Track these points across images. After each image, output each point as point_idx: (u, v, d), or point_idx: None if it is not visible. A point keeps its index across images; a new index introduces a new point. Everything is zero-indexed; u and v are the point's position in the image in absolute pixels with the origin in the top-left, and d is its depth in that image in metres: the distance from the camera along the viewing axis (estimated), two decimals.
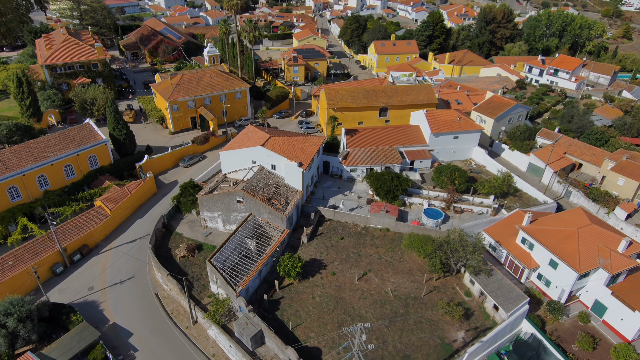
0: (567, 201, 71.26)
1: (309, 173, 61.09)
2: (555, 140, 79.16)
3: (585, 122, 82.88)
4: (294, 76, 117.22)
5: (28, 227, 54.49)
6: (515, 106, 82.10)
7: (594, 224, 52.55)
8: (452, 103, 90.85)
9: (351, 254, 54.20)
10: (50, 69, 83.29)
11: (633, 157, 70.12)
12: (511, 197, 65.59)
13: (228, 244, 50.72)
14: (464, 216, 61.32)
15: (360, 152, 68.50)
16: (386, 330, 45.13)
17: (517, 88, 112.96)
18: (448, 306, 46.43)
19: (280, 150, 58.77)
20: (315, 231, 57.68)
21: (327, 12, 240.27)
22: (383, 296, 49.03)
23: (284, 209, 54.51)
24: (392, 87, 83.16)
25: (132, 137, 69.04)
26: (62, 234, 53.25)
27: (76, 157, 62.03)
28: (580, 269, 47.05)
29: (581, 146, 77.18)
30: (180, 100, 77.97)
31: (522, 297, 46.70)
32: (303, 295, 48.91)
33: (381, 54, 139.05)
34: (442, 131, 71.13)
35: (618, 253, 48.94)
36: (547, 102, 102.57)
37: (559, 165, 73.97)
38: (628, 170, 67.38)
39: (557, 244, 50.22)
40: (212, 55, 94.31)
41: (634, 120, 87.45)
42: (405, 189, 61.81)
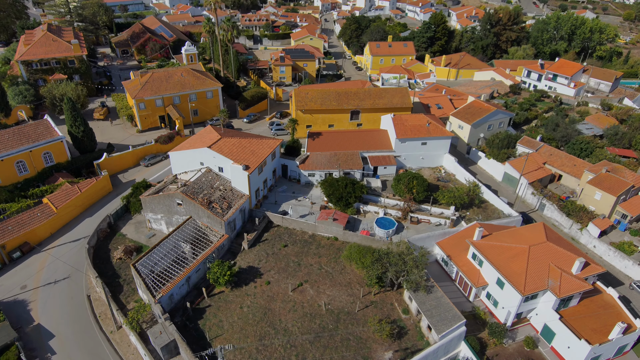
0: (540, 214, 67.23)
1: (259, 177, 59.07)
2: (535, 149, 74.96)
3: (570, 130, 78.21)
4: (281, 76, 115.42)
5: None
6: (494, 112, 78.10)
7: (552, 241, 48.83)
8: (432, 107, 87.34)
9: (291, 263, 51.90)
10: (25, 64, 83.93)
11: (615, 170, 65.51)
12: (475, 208, 62.02)
13: (160, 247, 49.21)
14: (420, 227, 58.19)
15: (321, 156, 66.07)
16: (309, 347, 42.68)
17: (510, 93, 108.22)
18: (379, 324, 43.67)
19: (228, 152, 56.98)
20: (259, 237, 55.62)
21: (335, 12, 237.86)
22: (315, 309, 46.57)
23: (223, 214, 52.65)
24: (365, 89, 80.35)
25: (91, 134, 68.49)
26: (2, 230, 52.77)
27: (29, 154, 61.76)
28: (524, 291, 43.53)
29: (562, 156, 72.77)
30: (147, 99, 77.17)
31: (458, 317, 43.48)
32: (231, 304, 46.93)
33: (376, 55, 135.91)
34: (408, 136, 68.00)
35: (571, 275, 45.19)
36: (539, 109, 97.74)
37: (536, 175, 69.86)
38: (606, 184, 62.89)
39: (505, 261, 46.78)
40: (189, 54, 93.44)
41: (627, 130, 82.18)
42: (359, 196, 59.08)
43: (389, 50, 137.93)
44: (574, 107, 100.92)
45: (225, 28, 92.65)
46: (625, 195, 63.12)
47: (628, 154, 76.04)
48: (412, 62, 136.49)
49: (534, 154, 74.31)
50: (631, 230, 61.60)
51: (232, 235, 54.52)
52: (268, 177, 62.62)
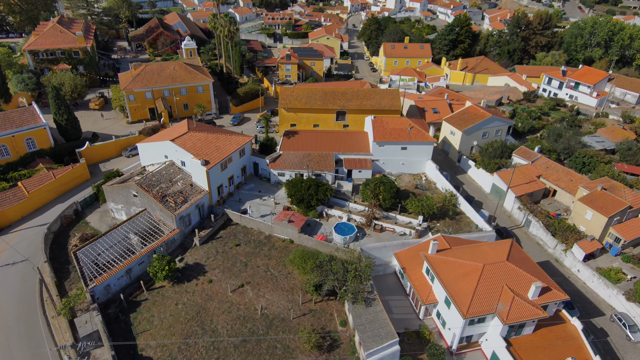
0: (526, 231, 62.27)
1: (223, 173, 58.15)
2: (531, 161, 69.63)
3: (573, 142, 71.95)
4: (287, 74, 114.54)
5: None
6: (489, 119, 73.19)
7: (514, 261, 44.67)
8: (428, 111, 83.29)
9: (238, 263, 50.57)
10: (32, 54, 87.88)
11: (613, 188, 59.46)
12: (448, 219, 58.09)
13: (107, 238, 49.41)
14: (384, 235, 55.14)
15: (293, 155, 64.33)
16: (232, 351, 41.17)
17: (523, 100, 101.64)
18: (308, 334, 41.46)
19: (190, 146, 56.52)
20: (214, 234, 54.71)
21: (363, 13, 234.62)
22: (250, 313, 45.00)
23: (176, 208, 52.16)
24: (353, 90, 77.68)
25: (74, 122, 70.34)
26: None
27: (11, 138, 64.15)
28: (466, 313, 39.90)
29: (559, 170, 67.08)
30: (137, 91, 78.47)
31: (391, 335, 40.46)
32: (168, 300, 46.25)
33: (390, 57, 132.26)
34: (387, 140, 64.87)
35: (525, 300, 41.01)
36: (550, 118, 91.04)
37: (526, 189, 64.77)
38: (598, 203, 57.12)
39: (455, 279, 43.20)
40: (188, 49, 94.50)
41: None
42: (322, 199, 56.81)
43: (404, 52, 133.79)
44: (591, 117, 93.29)
45: (222, 23, 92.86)
46: (620, 217, 57.05)
47: (638, 171, 68.93)
48: (428, 64, 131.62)
49: (527, 166, 69.03)
50: (624, 256, 55.56)
51: (187, 230, 53.91)
52: (235, 174, 61.64)
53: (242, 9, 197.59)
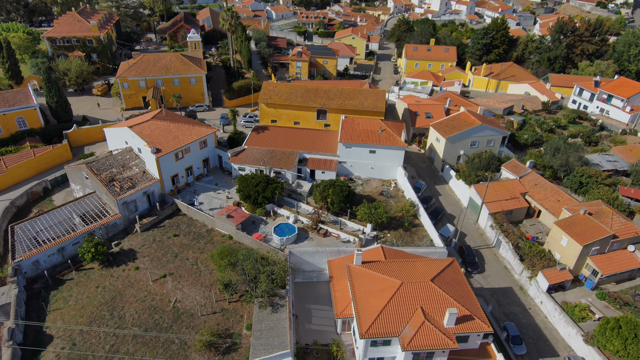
0: (495, 252, 56.51)
1: (178, 163, 58.16)
2: (520, 176, 63.15)
3: (572, 159, 64.17)
4: (297, 72, 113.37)
5: None
6: (478, 127, 67.21)
7: (441, 283, 40.31)
8: (420, 116, 78.37)
9: (169, 254, 50.21)
10: (50, 40, 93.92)
11: (599, 214, 52.28)
12: (402, 231, 53.92)
13: (50, 216, 51.14)
14: (326, 240, 52.28)
15: (257, 151, 63.05)
16: (130, 340, 40.71)
17: (542, 111, 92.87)
18: (207, 334, 39.99)
19: (147, 134, 57.13)
20: (159, 222, 54.86)
21: (406, 14, 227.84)
22: (163, 304, 44.39)
23: (120, 193, 52.86)
24: (338, 88, 74.87)
25: (65, 105, 73.95)
26: None
27: (2, 116, 68.63)
28: (364, 332, 36.44)
29: (547, 188, 60.16)
30: (130, 79, 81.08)
31: (284, 346, 37.87)
32: (91, 282, 46.87)
33: (411, 59, 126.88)
34: (355, 142, 61.61)
35: (438, 327, 36.74)
36: (568, 131, 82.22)
37: (504, 206, 58.74)
38: (576, 229, 50.38)
39: (368, 294, 39.76)
40: (193, 41, 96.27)
41: None
42: (269, 197, 54.92)
43: (427, 55, 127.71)
44: (615, 134, 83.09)
45: (224, 17, 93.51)
46: (601, 247, 49.82)
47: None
48: (451, 69, 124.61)
49: (513, 182, 62.61)
50: (599, 292, 48.47)
51: (132, 216, 54.44)
52: (195, 165, 61.49)
53: (279, 6, 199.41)
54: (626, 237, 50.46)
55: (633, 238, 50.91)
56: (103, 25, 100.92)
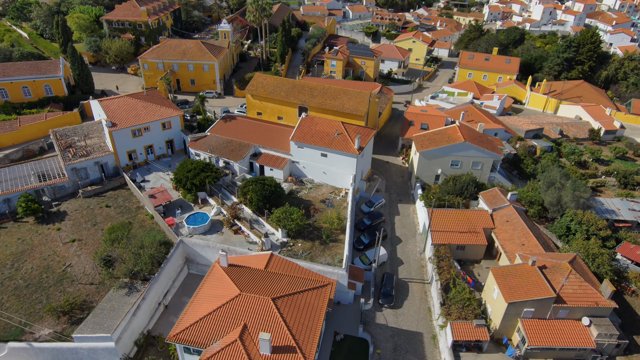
0: (427, 289, 48.59)
1: (136, 140, 60.75)
2: (492, 209, 53.35)
3: (566, 197, 51.82)
4: (331, 70, 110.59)
5: None
6: (460, 145, 58.04)
7: (287, 304, 35.86)
8: (415, 125, 70.50)
9: (90, 222, 52.70)
10: (108, 22, 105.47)
11: (554, 269, 41.67)
12: (319, 244, 49.03)
13: (12, 169, 57.49)
14: (235, 237, 49.99)
15: (216, 139, 62.93)
16: (9, 290, 43.71)
17: (589, 140, 76.88)
18: (66, 300, 41.15)
19: (112, 109, 60.79)
20: (103, 192, 58.02)
21: (500, 22, 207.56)
22: (57, 266, 46.78)
23: (71, 159, 57.15)
24: (324, 86, 70.74)
25: (86, 78, 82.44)
26: None
27: (33, 82, 79.10)
28: (172, 335, 33.96)
29: (517, 228, 49.82)
30: (150, 60, 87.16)
31: (108, 330, 37.03)
32: (17, 233, 51.14)
33: (464, 67, 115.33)
34: (306, 142, 57.80)
35: (248, 350, 32.74)
36: (608, 169, 66.92)
37: (455, 239, 50.17)
38: (510, 281, 40.96)
39: (205, 298, 37.21)
40: (223, 31, 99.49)
41: None
42: (197, 185, 54.19)
43: (484, 64, 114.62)
44: None
45: (250, 9, 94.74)
46: (538, 309, 39.40)
47: None
48: (509, 82, 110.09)
49: (482, 214, 53.01)
50: None
51: (82, 182, 58.44)
52: (156, 144, 63.68)
53: (357, 6, 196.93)
54: (579, 305, 39.06)
55: (589, 309, 39.21)
56: (156, 12, 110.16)
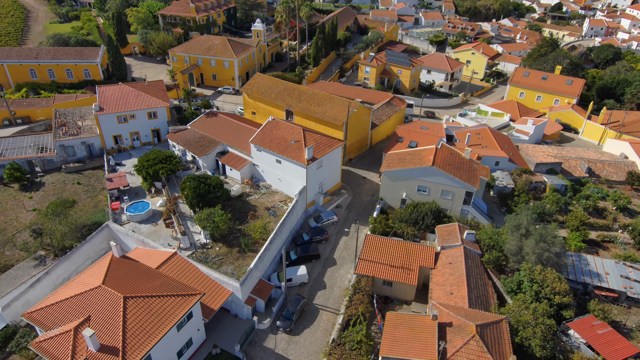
0: (335, 322, 44.21)
1: (121, 125, 64.71)
2: (441, 247, 46.88)
3: (528, 248, 43.06)
4: (365, 77, 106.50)
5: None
6: (427, 169, 51.59)
7: (144, 305, 35.25)
8: (404, 142, 64.45)
9: (56, 195, 57.40)
10: (162, 17, 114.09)
11: (460, 329, 35.38)
12: (238, 252, 47.26)
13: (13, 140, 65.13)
14: (165, 231, 50.50)
15: (192, 133, 64.31)
16: None
17: (627, 185, 63.33)
18: None
19: (106, 95, 65.62)
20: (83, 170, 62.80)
21: (598, 38, 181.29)
22: (9, 230, 51.87)
23: (60, 136, 62.87)
24: (313, 91, 67.91)
25: (119, 65, 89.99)
26: (15, 104, 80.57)
27: (75, 66, 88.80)
28: (27, 313, 35.23)
29: (455, 273, 42.94)
30: (178, 54, 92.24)
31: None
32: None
33: (515, 85, 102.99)
34: (263, 146, 56.18)
35: (78, 341, 32.81)
36: (610, 217, 54.78)
37: (379, 272, 45.12)
38: (396, 333, 36.29)
39: (75, 284, 38.07)
40: (256, 30, 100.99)
41: None
42: (152, 175, 55.69)
43: (540, 84, 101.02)
44: None
45: (279, 11, 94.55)
46: None
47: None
48: (566, 106, 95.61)
49: (426, 249, 46.59)
50: None
51: (70, 159, 64.01)
52: (142, 132, 67.16)
53: (432, 13, 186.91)
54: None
55: None
56: (207, 9, 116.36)
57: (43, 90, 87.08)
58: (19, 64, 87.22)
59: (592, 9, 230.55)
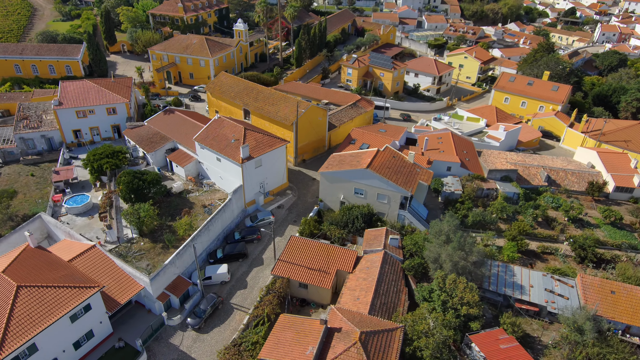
0: None
1: (80, 120, 66.08)
2: (364, 251, 45.92)
3: (445, 255, 41.54)
4: (347, 79, 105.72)
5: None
6: (361, 172, 50.62)
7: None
8: (356, 144, 63.50)
9: (7, 185, 58.88)
10: (153, 16, 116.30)
11: (345, 336, 34.64)
12: (160, 248, 47.49)
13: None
14: (98, 224, 51.17)
15: (147, 130, 65.09)
16: None
17: (587, 195, 60.53)
18: None
19: (68, 90, 67.09)
20: (41, 162, 64.40)
21: (609, 45, 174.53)
22: None
23: (21, 129, 64.73)
24: (270, 91, 67.75)
25: (99, 62, 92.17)
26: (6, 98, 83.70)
27: (57, 62, 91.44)
28: None
29: (369, 279, 42.14)
30: (157, 52, 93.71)
31: None
32: None
33: (500, 90, 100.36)
34: (205, 144, 56.35)
35: None
36: (558, 229, 52.29)
37: (294, 274, 44.43)
38: (281, 335, 35.41)
39: None
40: (237, 30, 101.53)
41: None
42: (97, 169, 56.69)
43: (525, 89, 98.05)
44: None
45: (257, 11, 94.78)
46: None
47: None
48: (550, 113, 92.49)
49: (345, 252, 45.61)
50: None
51: (32, 151, 65.69)
52: (101, 127, 68.41)
53: (435, 17, 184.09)
54: None
55: None
56: (197, 9, 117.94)
57: (26, 85, 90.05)
58: (4, 59, 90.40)
59: (608, 14, 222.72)
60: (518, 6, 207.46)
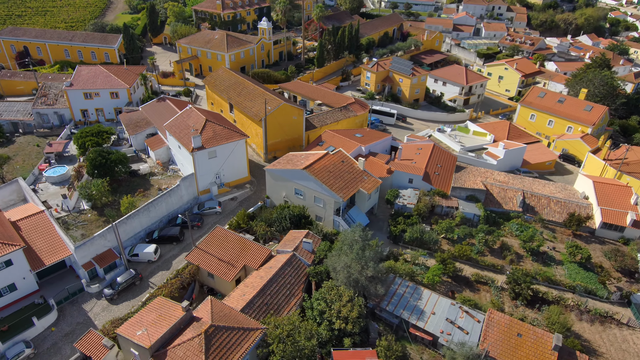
0: None
1: (87, 101, 73.55)
2: (277, 250, 46.14)
3: (339, 265, 39.84)
4: (366, 82, 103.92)
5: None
6: (298, 172, 50.25)
7: None
8: (325, 145, 62.68)
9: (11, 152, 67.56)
10: (195, 12, 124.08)
11: (194, 329, 35.17)
12: (103, 221, 51.40)
13: (9, 103, 77.76)
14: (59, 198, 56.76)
15: (138, 115, 70.28)
16: None
17: (567, 229, 53.82)
18: None
19: (82, 74, 75.22)
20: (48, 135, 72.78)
21: None
22: None
23: (38, 105, 73.61)
24: (254, 87, 69.14)
25: (133, 51, 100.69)
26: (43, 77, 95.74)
27: (98, 49, 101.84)
28: None
29: (265, 278, 41.95)
30: (183, 45, 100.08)
31: None
32: None
33: (527, 106, 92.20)
34: (170, 132, 59.56)
35: None
36: (508, 259, 47.08)
37: (207, 264, 45.70)
38: (146, 317, 36.29)
39: None
40: (262, 28, 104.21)
41: None
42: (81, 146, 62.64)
43: (554, 108, 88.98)
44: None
45: (276, 10, 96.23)
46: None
47: None
48: (576, 135, 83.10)
49: (264, 250, 45.80)
50: None
51: (47, 125, 74.54)
52: (106, 109, 75.40)
53: (495, 24, 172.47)
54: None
55: None
56: (235, 7, 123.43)
57: (71, 68, 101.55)
58: (56, 44, 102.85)
59: None
60: (598, 17, 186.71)
